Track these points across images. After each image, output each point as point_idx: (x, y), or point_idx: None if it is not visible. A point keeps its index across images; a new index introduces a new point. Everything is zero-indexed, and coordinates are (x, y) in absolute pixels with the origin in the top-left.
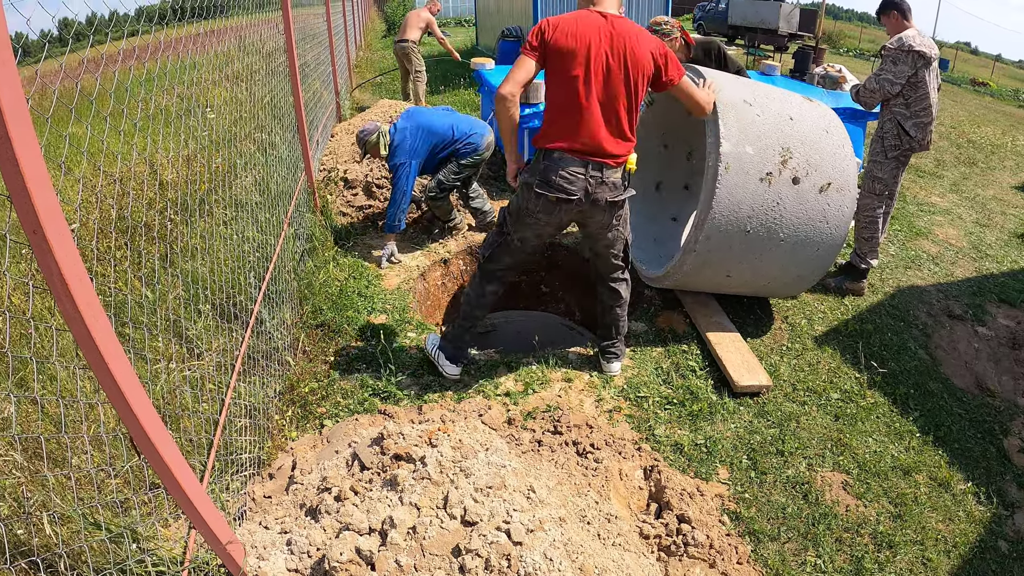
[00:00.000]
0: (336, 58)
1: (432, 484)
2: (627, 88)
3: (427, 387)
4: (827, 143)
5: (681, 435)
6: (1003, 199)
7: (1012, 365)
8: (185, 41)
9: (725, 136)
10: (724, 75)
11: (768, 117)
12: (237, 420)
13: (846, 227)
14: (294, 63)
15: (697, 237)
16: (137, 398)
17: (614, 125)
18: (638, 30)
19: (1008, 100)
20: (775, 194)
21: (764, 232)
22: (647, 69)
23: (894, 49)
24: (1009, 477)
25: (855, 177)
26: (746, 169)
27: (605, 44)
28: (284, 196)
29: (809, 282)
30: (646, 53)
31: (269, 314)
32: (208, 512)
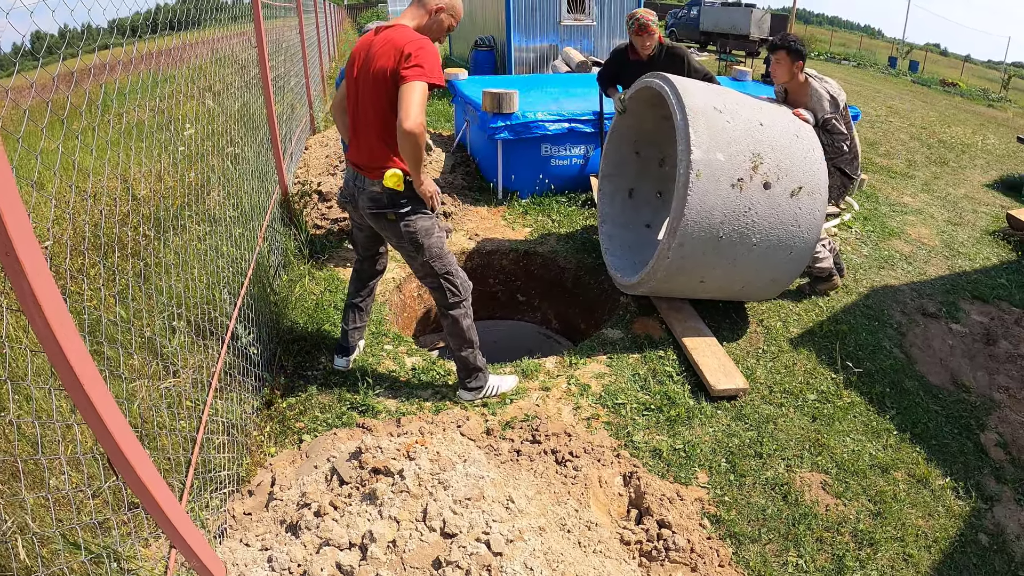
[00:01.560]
0: (309, 70)
1: (411, 497)
2: (372, 93)
3: (405, 399)
4: (797, 148)
5: (659, 440)
6: (974, 197)
7: (986, 360)
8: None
9: (696, 143)
10: (694, 82)
11: (738, 123)
12: (215, 437)
13: (818, 230)
14: (266, 75)
15: (670, 244)
16: (113, 419)
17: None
18: (397, 34)
19: (978, 100)
20: (746, 200)
21: (736, 237)
22: (386, 66)
23: (838, 111)
24: (987, 471)
25: (825, 181)
26: (717, 176)
27: (362, 56)
28: (258, 210)
29: (783, 285)
30: (388, 51)
31: (245, 330)
32: (188, 531)
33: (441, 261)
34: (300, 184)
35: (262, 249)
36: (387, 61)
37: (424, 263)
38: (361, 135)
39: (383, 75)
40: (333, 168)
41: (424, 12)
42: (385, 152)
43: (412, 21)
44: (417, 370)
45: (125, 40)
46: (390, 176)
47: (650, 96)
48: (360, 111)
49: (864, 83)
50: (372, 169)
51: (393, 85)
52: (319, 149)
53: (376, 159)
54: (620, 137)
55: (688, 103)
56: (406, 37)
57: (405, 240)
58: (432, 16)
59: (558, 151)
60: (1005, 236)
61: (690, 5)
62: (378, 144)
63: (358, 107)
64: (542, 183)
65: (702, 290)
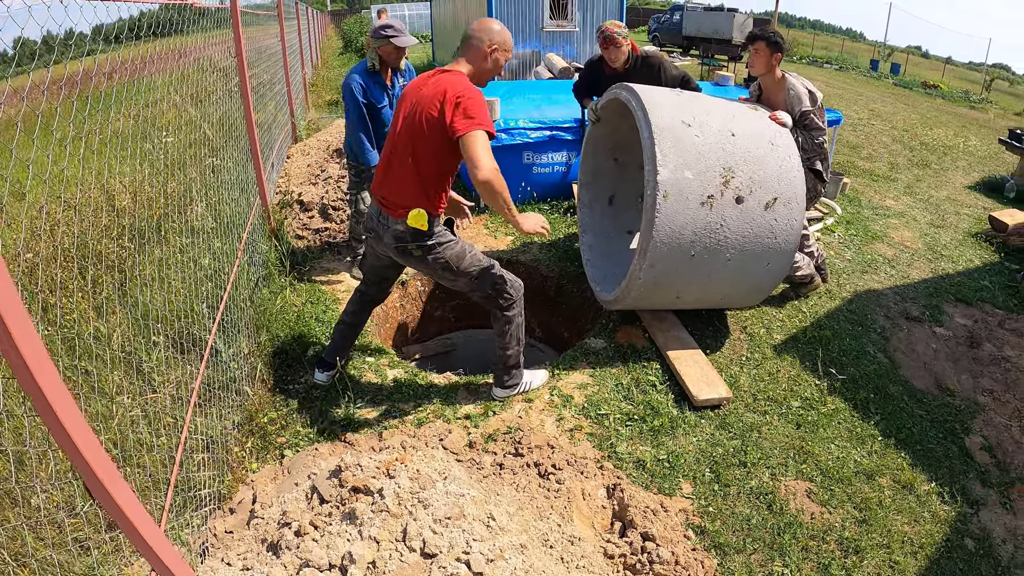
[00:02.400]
0: (292, 77)
1: (391, 516)
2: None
3: (387, 413)
4: (772, 157)
5: (643, 451)
6: (956, 199)
7: (970, 363)
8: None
9: (662, 163)
10: (663, 93)
11: (708, 137)
12: (196, 455)
13: (796, 238)
14: (246, 83)
15: (641, 265)
16: (87, 445)
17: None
18: (448, 81)
19: (959, 101)
20: (718, 216)
21: (709, 255)
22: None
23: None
24: (972, 475)
25: (803, 189)
26: (686, 195)
27: (412, 97)
28: (238, 222)
29: (764, 293)
30: (436, 99)
31: (225, 344)
32: (167, 555)
33: (485, 276)
34: (281, 194)
35: (242, 262)
36: (434, 109)
37: (467, 283)
38: (394, 172)
39: (428, 121)
40: (314, 177)
41: (479, 55)
42: (413, 194)
43: (467, 67)
44: (399, 382)
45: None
46: (414, 216)
47: (619, 106)
48: (398, 149)
49: (846, 86)
50: (397, 207)
51: (438, 133)
52: (301, 158)
53: (403, 198)
54: (596, 144)
55: (655, 119)
56: (456, 86)
57: (438, 270)
58: (489, 57)
59: (540, 158)
60: (987, 238)
61: (673, 10)
62: (408, 185)
63: (397, 144)
64: (524, 191)
65: (680, 304)
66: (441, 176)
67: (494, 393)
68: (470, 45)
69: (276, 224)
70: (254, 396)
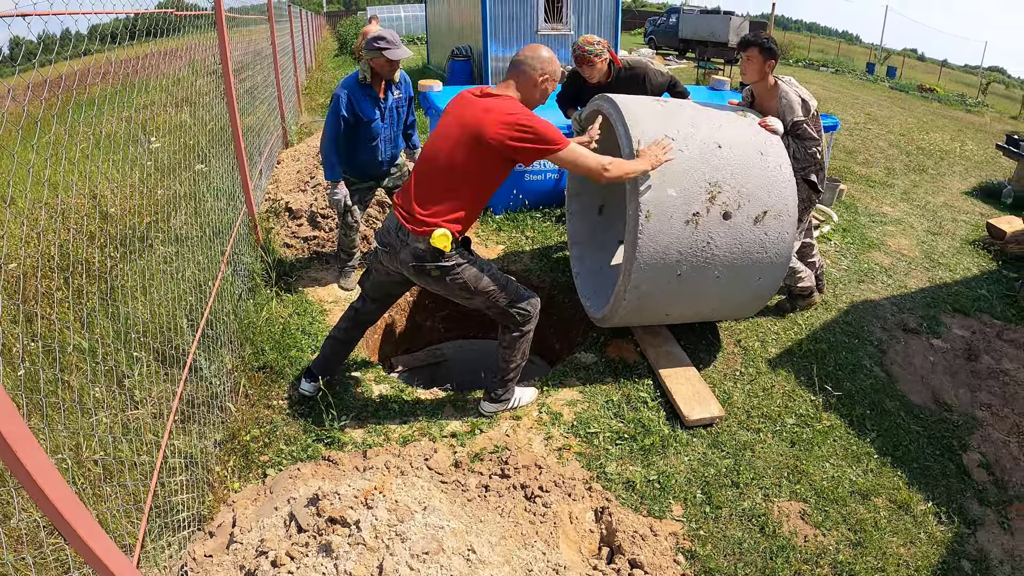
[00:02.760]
0: (283, 80)
1: (367, 551)
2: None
3: (372, 430)
4: (761, 167)
5: (633, 471)
6: (954, 205)
7: (968, 377)
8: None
9: (644, 181)
10: (645, 105)
11: (692, 150)
12: (175, 476)
13: (788, 251)
14: (231, 88)
15: (626, 286)
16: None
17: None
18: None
19: (955, 105)
20: (704, 234)
21: (696, 273)
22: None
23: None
24: (970, 494)
25: (795, 200)
26: (669, 214)
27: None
28: (222, 231)
29: (757, 307)
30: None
31: (207, 359)
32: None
33: (503, 294)
34: (270, 201)
35: (226, 273)
36: (495, 129)
37: (484, 301)
38: (429, 189)
39: (486, 143)
40: (304, 184)
41: (530, 83)
42: (445, 214)
43: (517, 93)
44: (385, 398)
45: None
46: (439, 237)
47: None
48: (438, 165)
49: (842, 89)
50: (421, 224)
51: (491, 159)
52: (291, 164)
53: (432, 217)
54: None
55: (635, 134)
56: (515, 110)
57: (455, 290)
58: (538, 87)
59: (532, 166)
60: (985, 245)
61: (669, 12)
62: (443, 205)
63: (436, 160)
64: (516, 198)
65: (670, 320)
66: (479, 201)
67: (483, 407)
68: (521, 72)
69: (263, 233)
70: (237, 412)
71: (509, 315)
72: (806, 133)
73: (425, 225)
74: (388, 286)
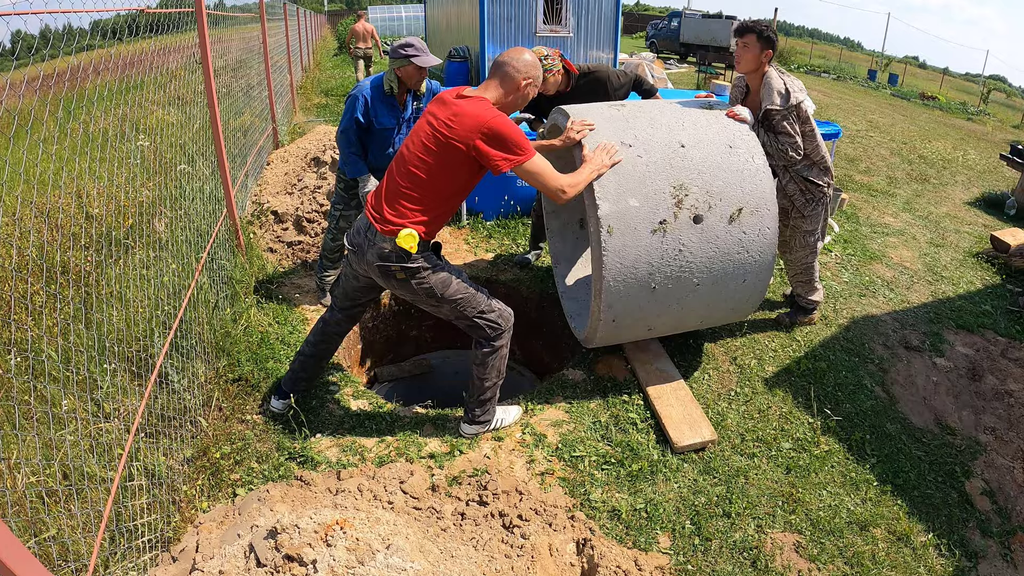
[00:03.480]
0: (277, 79)
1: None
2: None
3: (348, 449)
4: (731, 162)
5: (619, 499)
6: (957, 216)
7: (972, 398)
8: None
9: (601, 195)
10: (601, 112)
11: (653, 155)
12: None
13: (771, 247)
14: (211, 88)
15: (599, 307)
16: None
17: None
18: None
19: (957, 113)
20: (674, 242)
21: (673, 283)
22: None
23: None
24: (972, 524)
25: (772, 191)
26: (633, 225)
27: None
28: (201, 235)
29: (748, 310)
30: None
31: (177, 370)
32: None
33: (470, 304)
34: (255, 204)
35: (201, 280)
36: (464, 133)
37: (451, 309)
38: (392, 187)
39: (453, 145)
40: (291, 187)
41: (511, 88)
42: (407, 212)
43: (494, 94)
44: (363, 414)
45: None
46: (405, 236)
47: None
48: (406, 166)
49: (844, 96)
50: (388, 224)
51: (458, 163)
52: (280, 165)
53: (399, 217)
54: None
55: (588, 144)
56: (486, 113)
57: (421, 294)
58: (520, 91)
59: None
60: (988, 258)
61: (671, 16)
62: (405, 203)
63: (405, 161)
64: (507, 204)
65: (655, 334)
66: (446, 203)
67: (462, 429)
68: (505, 74)
69: (245, 238)
70: (209, 428)
71: (478, 327)
72: (779, 126)
73: (392, 225)
74: (354, 293)
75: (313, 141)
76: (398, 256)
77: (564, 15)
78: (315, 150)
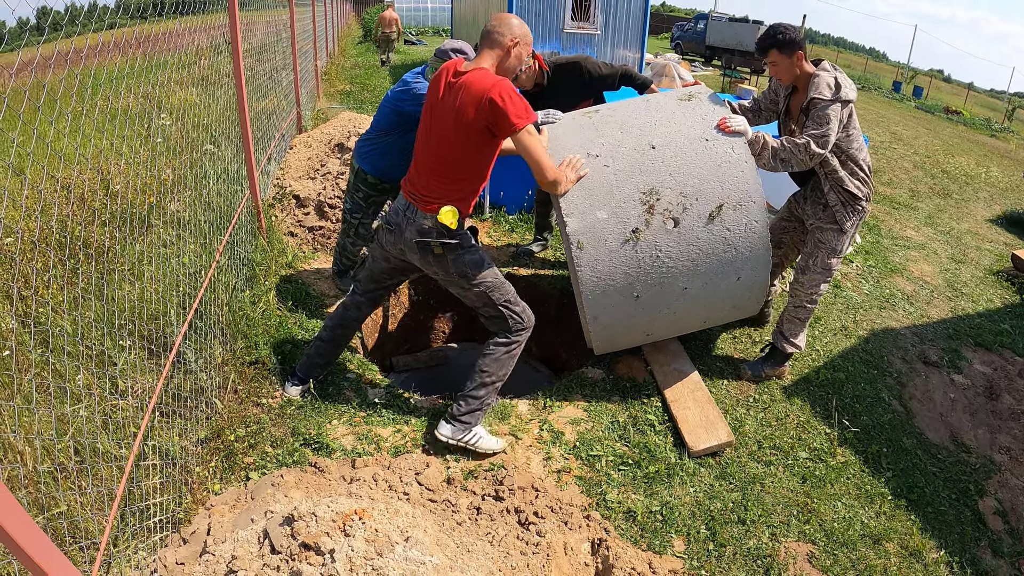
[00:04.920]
0: (303, 64)
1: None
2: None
3: (364, 437)
4: (707, 157)
5: (635, 500)
6: (978, 233)
7: (988, 417)
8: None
9: (567, 211)
10: (567, 124)
11: (621, 162)
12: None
13: (762, 241)
14: (240, 69)
15: (586, 319)
16: None
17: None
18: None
19: (981, 129)
20: (650, 249)
21: (659, 289)
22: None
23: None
24: (984, 543)
25: (755, 184)
26: (604, 238)
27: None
28: (222, 216)
29: (753, 306)
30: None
31: (195, 351)
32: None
33: (498, 290)
34: (277, 187)
35: (221, 261)
36: (470, 110)
37: (480, 294)
38: (423, 168)
39: (463, 122)
40: (314, 172)
41: (500, 50)
42: (444, 191)
43: (489, 62)
44: (380, 403)
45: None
46: (446, 212)
47: None
48: (430, 146)
49: (868, 106)
50: (428, 201)
51: (473, 136)
52: (303, 150)
53: (433, 193)
54: None
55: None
56: (485, 82)
57: (454, 274)
58: (511, 52)
59: None
60: (1009, 277)
61: (697, 19)
62: (439, 182)
63: (428, 141)
64: (530, 199)
65: (656, 338)
66: (473, 178)
67: (440, 429)
68: (492, 40)
69: (267, 221)
70: (224, 409)
71: (502, 316)
72: (818, 113)
73: (431, 202)
74: (382, 275)
75: (337, 127)
76: (438, 232)
77: (592, 12)
78: (339, 136)
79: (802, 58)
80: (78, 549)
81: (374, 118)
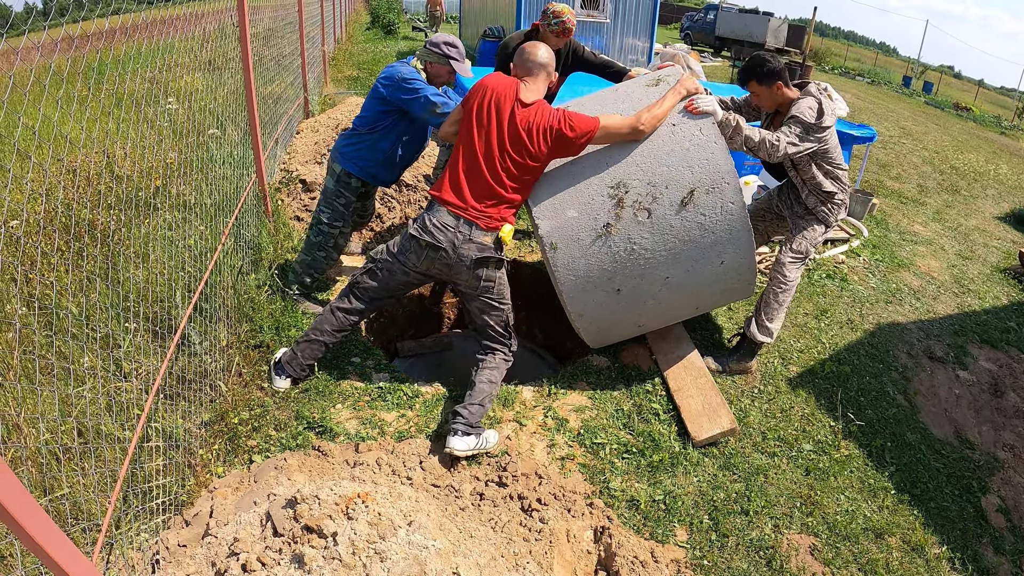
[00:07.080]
0: (308, 49)
1: (342, 567)
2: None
3: (367, 422)
4: (674, 143)
5: (638, 489)
6: (986, 230)
7: (993, 414)
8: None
9: (538, 214)
10: None
11: (587, 157)
12: (155, 457)
13: (741, 222)
14: (247, 52)
15: (571, 317)
16: None
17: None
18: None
19: (990, 126)
20: (625, 242)
21: (640, 280)
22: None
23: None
24: (986, 539)
25: (728, 162)
26: (576, 236)
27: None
28: (229, 200)
29: (745, 289)
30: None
31: (200, 334)
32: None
33: (511, 314)
34: (284, 171)
35: (227, 244)
36: (543, 141)
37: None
38: (479, 184)
39: (536, 153)
40: (320, 156)
41: (544, 77)
42: (503, 209)
43: (540, 93)
44: (384, 388)
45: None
46: (508, 231)
47: None
48: (496, 166)
49: (877, 101)
50: (489, 218)
51: (546, 159)
52: (310, 135)
53: (495, 211)
54: None
55: None
56: (551, 116)
57: (491, 288)
58: (549, 77)
59: None
60: (1016, 275)
61: (707, 9)
62: (498, 200)
63: (492, 160)
64: None
65: (649, 328)
66: (528, 191)
67: (453, 443)
68: (544, 76)
69: (273, 205)
70: (228, 392)
71: (504, 337)
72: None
73: (491, 219)
74: (399, 287)
75: (344, 112)
76: (497, 248)
77: (603, 1)
78: (346, 121)
79: (782, 87)
80: (80, 530)
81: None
